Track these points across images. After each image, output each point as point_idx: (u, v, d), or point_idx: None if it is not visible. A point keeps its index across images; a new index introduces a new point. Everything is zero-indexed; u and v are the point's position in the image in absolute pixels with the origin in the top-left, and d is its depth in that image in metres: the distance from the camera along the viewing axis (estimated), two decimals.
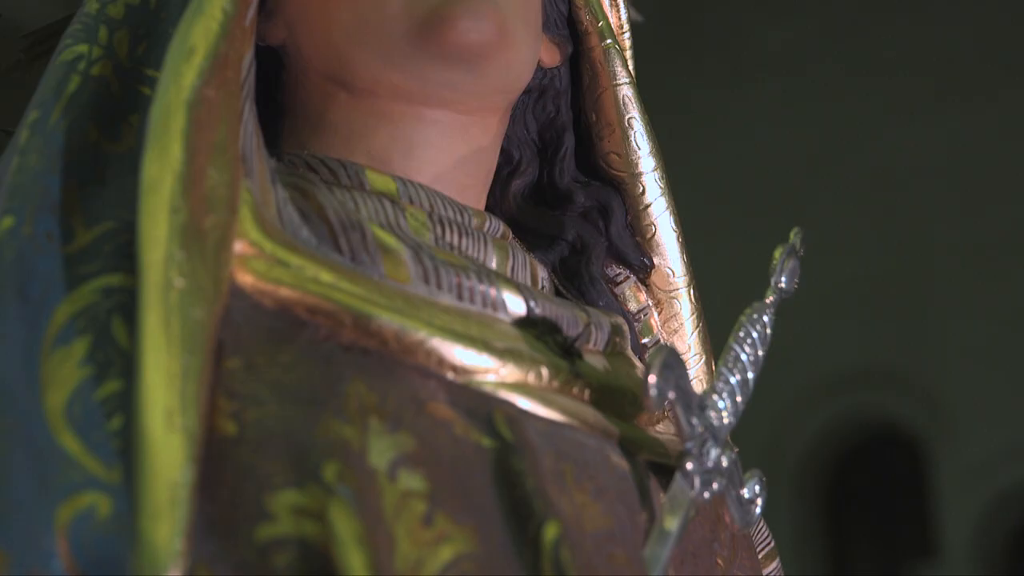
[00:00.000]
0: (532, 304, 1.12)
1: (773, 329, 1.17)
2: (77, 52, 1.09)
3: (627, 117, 1.31)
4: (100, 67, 1.09)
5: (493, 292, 1.10)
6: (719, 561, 1.17)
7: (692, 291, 1.34)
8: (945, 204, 8.55)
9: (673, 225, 1.33)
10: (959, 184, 8.51)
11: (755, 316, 1.15)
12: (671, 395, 1.04)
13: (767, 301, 1.17)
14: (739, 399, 1.11)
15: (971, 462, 8.35)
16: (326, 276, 1.02)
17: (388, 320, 1.02)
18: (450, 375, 1.03)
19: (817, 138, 8.90)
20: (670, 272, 1.33)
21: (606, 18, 1.33)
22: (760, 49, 9.09)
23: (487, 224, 1.21)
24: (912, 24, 8.63)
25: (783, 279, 1.19)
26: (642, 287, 1.33)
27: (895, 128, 8.69)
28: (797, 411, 8.91)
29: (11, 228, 0.98)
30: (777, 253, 1.19)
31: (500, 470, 1.01)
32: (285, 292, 1.01)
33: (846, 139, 8.84)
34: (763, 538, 1.31)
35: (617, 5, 1.37)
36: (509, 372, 1.05)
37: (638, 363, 1.22)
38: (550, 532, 0.98)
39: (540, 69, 1.31)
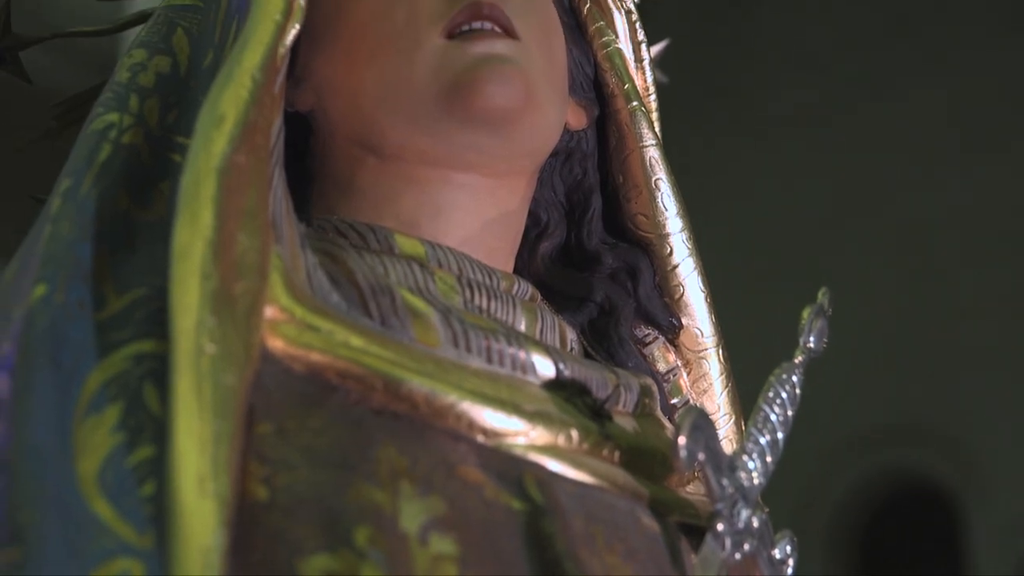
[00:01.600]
0: (561, 366, 1.12)
1: (802, 387, 1.17)
2: (108, 121, 1.10)
3: (654, 178, 1.32)
4: (131, 135, 1.10)
5: (522, 355, 1.11)
6: None
7: (721, 351, 1.34)
8: (973, 256, 8.53)
9: (701, 285, 1.33)
10: (986, 236, 8.49)
11: (784, 376, 1.15)
12: (701, 456, 1.04)
13: (796, 361, 1.17)
14: (769, 459, 1.11)
15: (1004, 518, 8.29)
16: (356, 340, 1.02)
17: (418, 384, 1.02)
18: (480, 438, 1.03)
19: (843, 193, 8.90)
20: (699, 332, 1.33)
21: (632, 80, 1.34)
22: (784, 105, 9.11)
23: (516, 287, 1.21)
24: (935, 76, 8.63)
25: (812, 339, 1.19)
26: (671, 347, 1.33)
27: (921, 181, 8.69)
28: (828, 468, 8.86)
29: (44, 296, 0.99)
30: (805, 313, 1.19)
31: (531, 533, 1.01)
32: (315, 357, 1.01)
33: (872, 193, 8.84)
34: None
35: (643, 67, 1.38)
36: (539, 435, 1.06)
37: (668, 424, 1.22)
38: None
39: (567, 131, 1.31)
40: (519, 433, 1.05)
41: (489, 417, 1.04)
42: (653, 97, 1.38)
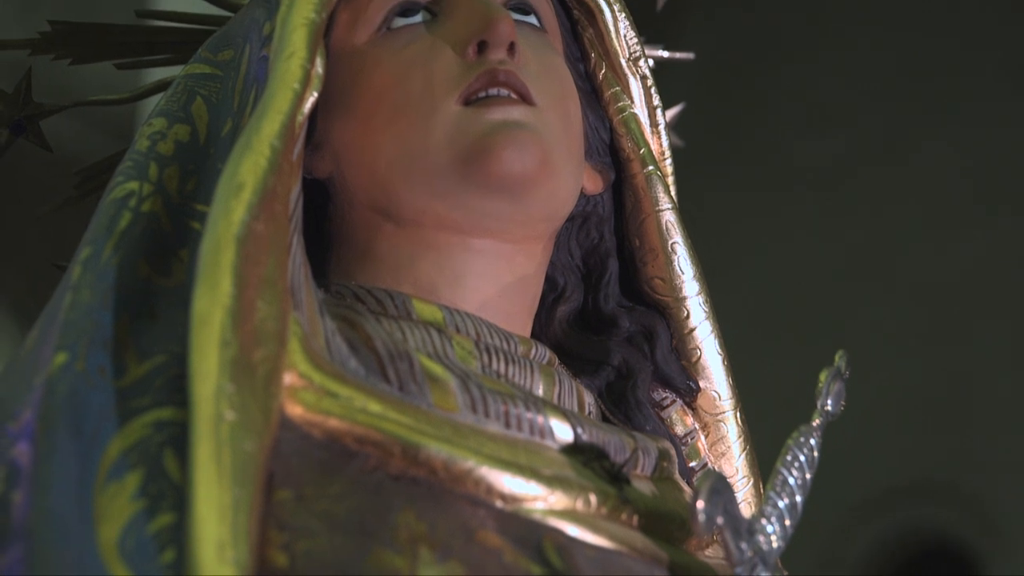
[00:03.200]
0: (579, 430, 1.13)
1: (820, 449, 1.17)
2: (128, 189, 1.11)
3: (670, 242, 1.32)
4: (150, 203, 1.11)
5: (540, 419, 1.11)
6: None
7: (739, 414, 1.34)
8: (990, 314, 8.51)
9: (718, 348, 1.33)
10: (1004, 294, 8.47)
11: (802, 440, 1.15)
12: (720, 520, 1.04)
13: (813, 424, 1.17)
14: (788, 523, 1.11)
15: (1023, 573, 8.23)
16: (375, 406, 1.03)
17: (437, 449, 1.02)
18: (499, 503, 1.04)
19: (860, 251, 8.88)
20: (716, 395, 1.33)
21: (647, 145, 1.34)
22: (799, 163, 9.11)
23: (533, 351, 1.21)
24: (954, 133, 8.63)
25: (829, 402, 1.19)
26: (688, 411, 1.33)
27: (938, 238, 8.67)
28: (847, 528, 8.81)
29: (64, 364, 1.00)
30: (823, 376, 1.19)
31: None
32: (334, 423, 1.02)
33: (888, 251, 8.83)
34: None
35: (658, 132, 1.38)
36: (558, 499, 1.06)
37: (686, 488, 1.22)
38: None
39: (583, 196, 1.32)
40: (538, 498, 1.05)
41: (508, 482, 1.04)
42: (669, 161, 1.39)
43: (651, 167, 1.33)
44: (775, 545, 1.10)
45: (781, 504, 1.11)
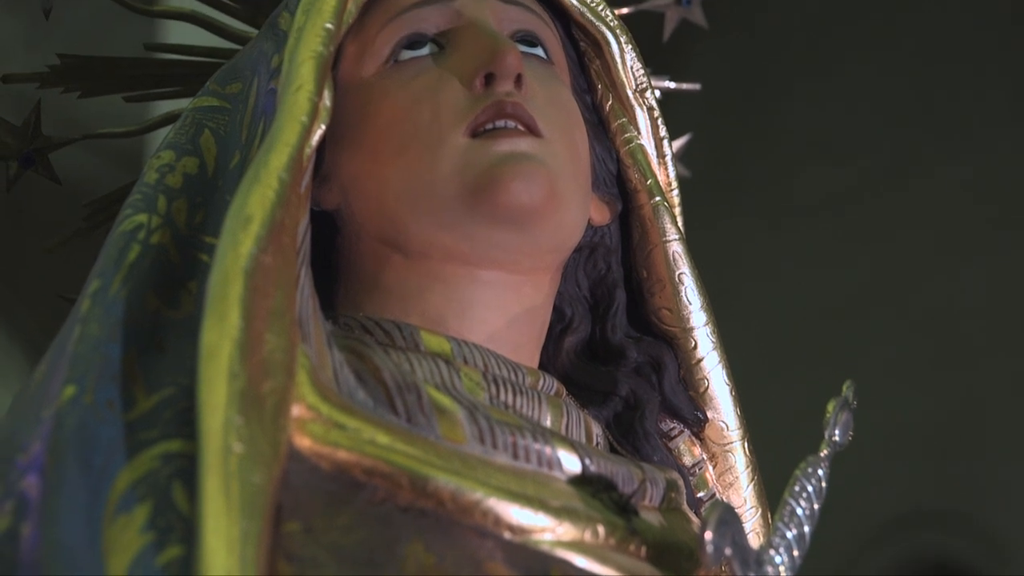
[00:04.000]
0: (587, 461, 1.13)
1: (828, 479, 1.17)
2: (137, 222, 1.11)
3: (677, 273, 1.32)
4: (159, 236, 1.11)
5: (548, 450, 1.11)
6: None
7: (746, 444, 1.34)
8: (1001, 342, 8.49)
9: (726, 379, 1.33)
10: (1016, 321, 8.45)
11: (810, 470, 1.15)
12: (728, 551, 1.04)
13: (821, 455, 1.17)
14: (796, 553, 1.11)
15: None
16: (383, 438, 1.03)
17: (445, 481, 1.02)
18: (507, 534, 1.04)
19: (868, 280, 8.87)
20: (724, 426, 1.33)
21: (654, 176, 1.35)
22: (807, 192, 9.11)
23: (541, 382, 1.22)
24: (964, 159, 8.63)
25: (837, 432, 1.19)
26: (696, 441, 1.33)
27: (949, 266, 8.65)
28: (856, 557, 8.78)
29: (73, 397, 1.00)
30: (830, 406, 1.19)
31: None
32: (342, 455, 1.02)
33: (898, 279, 8.81)
34: None
35: (665, 163, 1.39)
36: (566, 531, 1.06)
37: (694, 518, 1.22)
38: None
39: (590, 227, 1.32)
40: (545, 529, 1.05)
41: (516, 513, 1.04)
42: (676, 192, 1.39)
43: (658, 198, 1.33)
44: (784, 575, 1.10)
45: (789, 534, 1.11)
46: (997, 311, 8.49)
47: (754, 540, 1.31)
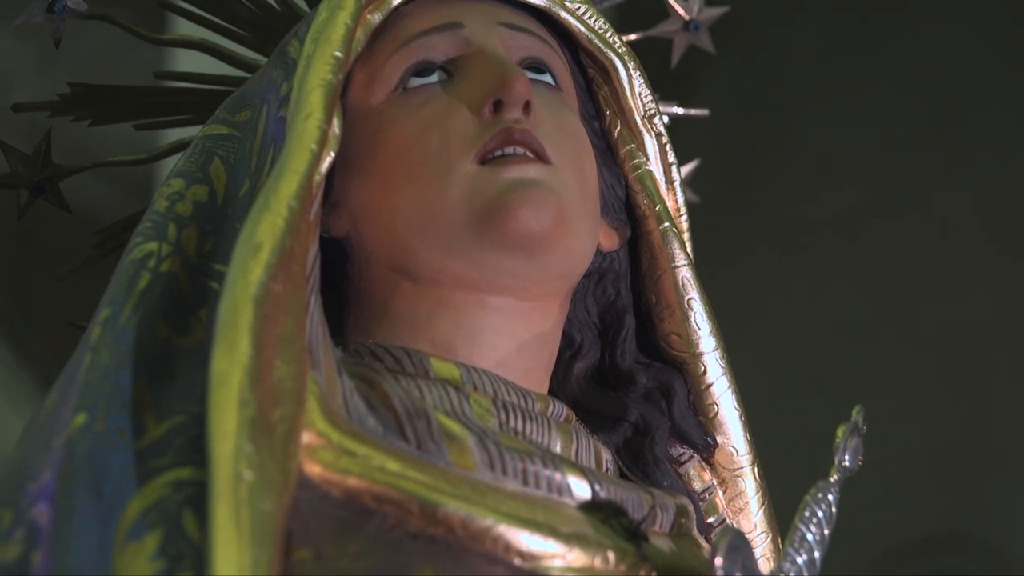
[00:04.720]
0: (597, 487, 1.12)
1: (839, 505, 1.16)
2: (147, 250, 1.11)
3: (686, 298, 1.32)
4: (169, 263, 1.11)
5: (558, 477, 1.11)
6: None
7: (756, 469, 1.34)
8: (1011, 364, 8.45)
9: (735, 404, 1.33)
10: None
11: (820, 495, 1.15)
12: None
13: (831, 480, 1.17)
14: None
15: None
16: (393, 465, 1.03)
17: (455, 508, 1.02)
18: (517, 561, 1.03)
19: (876, 303, 8.83)
20: (734, 451, 1.33)
21: (663, 202, 1.35)
22: (816, 216, 9.07)
23: (551, 408, 1.22)
24: (974, 181, 8.59)
25: (847, 457, 1.19)
26: (706, 466, 1.33)
27: (956, 289, 8.61)
28: None
29: (84, 425, 1.00)
30: (840, 431, 1.19)
31: None
32: (353, 482, 1.02)
33: (906, 302, 8.77)
34: None
35: (674, 188, 1.39)
36: (576, 557, 1.05)
37: (704, 544, 1.22)
38: None
39: (599, 253, 1.32)
40: (556, 556, 1.05)
41: (526, 540, 1.04)
42: (684, 217, 1.39)
43: (667, 224, 1.33)
44: None
45: (800, 560, 1.11)
46: (1009, 331, 8.47)
47: (764, 566, 1.30)
